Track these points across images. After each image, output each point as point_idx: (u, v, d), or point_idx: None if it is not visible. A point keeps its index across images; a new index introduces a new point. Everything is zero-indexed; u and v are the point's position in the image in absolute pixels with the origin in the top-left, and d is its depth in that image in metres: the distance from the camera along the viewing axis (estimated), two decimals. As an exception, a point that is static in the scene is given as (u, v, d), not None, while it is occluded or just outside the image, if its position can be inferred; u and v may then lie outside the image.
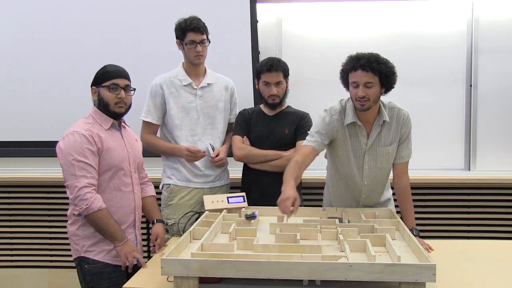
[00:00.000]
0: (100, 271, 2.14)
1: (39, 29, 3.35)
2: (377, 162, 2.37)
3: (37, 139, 3.45)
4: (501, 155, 3.41)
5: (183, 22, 2.60)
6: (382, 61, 2.20)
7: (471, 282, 1.85)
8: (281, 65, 2.69)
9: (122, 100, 2.18)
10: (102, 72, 2.19)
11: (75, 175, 2.05)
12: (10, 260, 3.53)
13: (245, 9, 3.25)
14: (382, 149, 2.35)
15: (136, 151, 2.32)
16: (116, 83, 2.16)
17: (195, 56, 2.61)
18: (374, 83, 2.19)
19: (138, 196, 2.29)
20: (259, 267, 1.65)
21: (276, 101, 2.72)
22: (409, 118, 2.36)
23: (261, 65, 2.71)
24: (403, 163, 2.39)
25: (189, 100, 2.68)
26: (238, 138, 2.75)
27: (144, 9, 3.30)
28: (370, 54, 2.22)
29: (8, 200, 3.49)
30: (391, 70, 2.23)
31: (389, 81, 2.23)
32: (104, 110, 2.19)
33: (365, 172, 2.38)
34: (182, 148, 2.63)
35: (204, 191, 2.70)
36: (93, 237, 2.14)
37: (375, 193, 2.45)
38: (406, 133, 2.35)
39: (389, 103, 2.37)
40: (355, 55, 2.25)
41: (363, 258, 1.81)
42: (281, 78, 2.69)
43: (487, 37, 3.35)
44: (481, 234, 3.25)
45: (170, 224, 2.65)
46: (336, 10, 3.41)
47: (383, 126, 2.34)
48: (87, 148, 2.08)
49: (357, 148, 2.36)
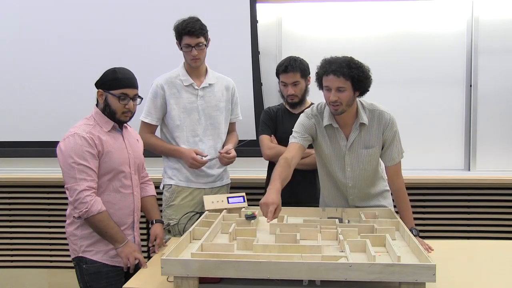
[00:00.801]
0: (98, 271, 2.14)
1: (39, 29, 3.36)
2: (359, 163, 2.36)
3: (37, 139, 3.46)
4: (501, 155, 3.41)
5: (179, 25, 2.57)
6: (354, 65, 2.18)
7: (471, 282, 1.85)
8: (298, 65, 2.68)
9: (129, 110, 2.17)
10: (112, 78, 2.13)
11: (75, 178, 2.04)
12: (10, 260, 3.53)
13: (245, 9, 3.25)
14: (363, 151, 2.34)
15: (136, 152, 2.31)
16: (126, 93, 2.14)
17: (191, 59, 2.60)
18: (346, 88, 2.18)
19: (137, 198, 2.29)
20: (259, 267, 1.65)
21: (295, 101, 2.73)
22: (392, 120, 2.31)
23: (279, 65, 2.74)
24: (394, 165, 2.38)
25: (191, 101, 2.67)
26: (266, 137, 2.75)
27: (144, 9, 3.30)
28: (343, 58, 2.20)
29: (8, 200, 3.49)
30: (364, 74, 2.19)
31: (361, 85, 2.21)
32: (109, 116, 2.17)
33: (347, 173, 2.38)
34: (186, 152, 2.61)
35: (205, 191, 2.70)
36: (91, 237, 2.14)
37: (362, 194, 2.44)
38: (390, 136, 2.32)
39: (371, 104, 2.34)
40: (328, 59, 2.24)
41: (363, 258, 1.81)
42: (297, 78, 2.69)
43: (487, 37, 3.35)
44: (481, 234, 3.25)
45: (172, 224, 2.64)
46: (336, 10, 3.41)
47: (362, 128, 2.32)
48: (88, 151, 2.07)
49: (337, 149, 2.36)
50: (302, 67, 2.71)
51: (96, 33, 3.32)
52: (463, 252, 2.20)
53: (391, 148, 2.34)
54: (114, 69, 2.17)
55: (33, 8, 3.35)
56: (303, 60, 2.74)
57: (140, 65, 3.09)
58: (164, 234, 2.40)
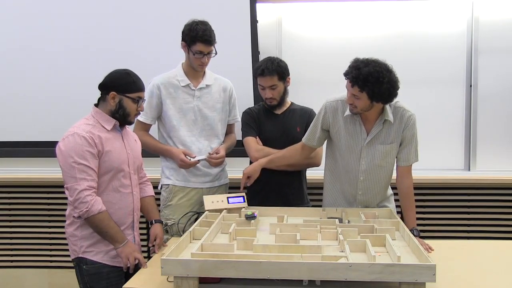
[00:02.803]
0: (99, 272, 2.14)
1: (38, 29, 3.35)
2: (375, 159, 2.36)
3: (37, 139, 3.45)
4: (501, 155, 3.41)
5: (194, 29, 2.53)
6: (372, 80, 2.12)
7: (471, 282, 1.85)
8: (275, 68, 2.60)
9: (139, 113, 2.24)
10: (129, 82, 2.15)
11: (75, 177, 2.04)
12: (10, 260, 3.53)
13: (245, 9, 3.24)
14: (381, 147, 2.35)
15: (135, 152, 2.32)
16: (141, 97, 2.19)
17: (199, 65, 2.60)
18: (360, 97, 2.19)
19: (136, 198, 2.29)
20: (259, 267, 1.65)
21: (273, 103, 2.70)
22: (414, 121, 2.33)
23: (256, 67, 2.69)
24: (407, 166, 2.39)
25: (187, 101, 2.67)
26: (252, 139, 2.71)
27: (144, 9, 3.29)
28: (367, 68, 2.13)
29: (8, 200, 3.49)
30: (381, 90, 2.15)
31: (379, 98, 2.19)
32: (121, 118, 2.18)
33: (361, 167, 2.38)
34: (175, 153, 2.62)
35: (203, 191, 2.70)
36: (91, 238, 2.13)
37: (372, 192, 2.43)
38: (409, 136, 2.34)
39: (396, 102, 2.35)
40: (355, 63, 2.20)
41: (363, 258, 1.81)
42: (275, 82, 2.63)
43: (487, 38, 3.35)
44: (481, 234, 3.25)
45: (169, 224, 2.64)
46: (336, 10, 3.41)
47: (385, 125, 2.34)
48: (88, 150, 2.07)
49: (355, 141, 2.37)
50: (279, 69, 2.62)
51: (96, 33, 3.31)
52: (463, 252, 2.20)
53: (408, 148, 2.35)
54: (126, 71, 2.18)
55: (32, 8, 3.34)
56: (281, 61, 2.66)
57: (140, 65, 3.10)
58: (163, 233, 2.39)
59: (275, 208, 2.49)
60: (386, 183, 2.47)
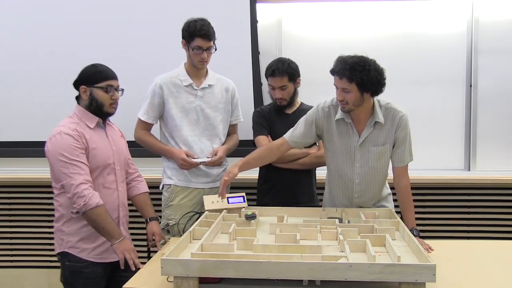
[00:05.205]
0: (79, 270, 2.15)
1: (37, 29, 3.35)
2: (369, 160, 2.36)
3: (37, 139, 3.45)
4: (501, 155, 3.41)
5: (192, 25, 2.55)
6: (359, 68, 2.16)
7: (471, 282, 1.85)
8: (285, 69, 2.63)
9: (115, 101, 2.21)
10: (94, 72, 2.17)
11: (69, 173, 2.05)
12: (10, 260, 3.53)
13: (245, 9, 3.24)
14: (374, 148, 2.35)
15: (120, 148, 2.32)
16: (111, 85, 2.18)
17: (199, 61, 2.60)
18: (350, 89, 2.20)
19: (122, 193, 2.30)
20: (259, 267, 1.65)
21: (283, 104, 2.72)
22: (406, 121, 2.33)
23: (267, 68, 2.71)
24: (402, 167, 2.39)
25: (189, 101, 2.67)
26: (264, 138, 2.72)
27: (143, 9, 3.29)
28: (351, 59, 2.18)
29: (8, 200, 3.49)
30: (370, 78, 2.17)
31: (369, 88, 2.20)
32: (96, 110, 2.18)
33: (356, 169, 2.38)
34: (176, 153, 2.63)
35: (204, 191, 2.70)
36: (78, 234, 2.14)
37: (368, 193, 2.43)
38: (402, 136, 2.33)
39: (387, 103, 2.36)
40: (339, 59, 2.24)
41: (363, 258, 1.81)
42: (285, 82, 2.66)
43: (487, 38, 3.35)
44: (481, 234, 3.26)
45: (171, 224, 2.64)
46: (336, 11, 3.41)
47: (376, 126, 2.34)
48: (76, 146, 2.09)
49: (348, 144, 2.37)
50: (289, 70, 2.65)
51: (95, 33, 3.31)
52: (463, 252, 2.20)
53: (402, 148, 2.35)
54: (93, 64, 2.21)
55: (31, 8, 3.34)
56: (292, 62, 2.69)
57: (141, 66, 3.10)
58: (160, 230, 2.40)
59: (275, 208, 2.50)
60: (381, 184, 2.47)
